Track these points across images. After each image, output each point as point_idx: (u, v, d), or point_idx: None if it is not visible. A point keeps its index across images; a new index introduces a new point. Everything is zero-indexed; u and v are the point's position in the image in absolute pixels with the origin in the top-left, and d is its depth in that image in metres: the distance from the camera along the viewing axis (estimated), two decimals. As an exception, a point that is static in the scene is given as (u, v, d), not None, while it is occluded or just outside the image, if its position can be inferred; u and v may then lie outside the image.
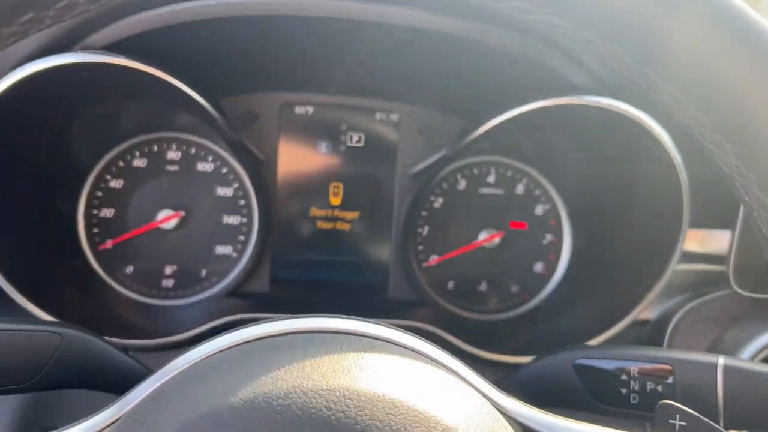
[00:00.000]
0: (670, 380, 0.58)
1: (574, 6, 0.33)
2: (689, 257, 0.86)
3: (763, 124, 0.33)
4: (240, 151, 0.83)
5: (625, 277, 0.84)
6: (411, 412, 0.34)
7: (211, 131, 0.88)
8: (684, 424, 0.49)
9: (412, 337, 0.43)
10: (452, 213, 0.95)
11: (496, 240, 0.94)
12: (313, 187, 0.94)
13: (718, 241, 0.84)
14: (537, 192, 0.96)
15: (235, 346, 0.39)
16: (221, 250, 0.92)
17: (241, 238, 0.92)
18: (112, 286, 0.90)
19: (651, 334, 0.86)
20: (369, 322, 0.42)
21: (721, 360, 0.57)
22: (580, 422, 0.42)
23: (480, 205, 0.95)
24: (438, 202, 0.95)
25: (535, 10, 0.34)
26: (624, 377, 0.60)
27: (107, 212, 0.89)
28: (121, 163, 0.89)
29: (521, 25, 0.69)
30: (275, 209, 0.93)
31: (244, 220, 0.92)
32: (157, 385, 0.40)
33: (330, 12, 0.68)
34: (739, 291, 0.83)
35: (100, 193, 0.89)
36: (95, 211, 0.89)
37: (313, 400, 0.33)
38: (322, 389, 0.34)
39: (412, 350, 0.41)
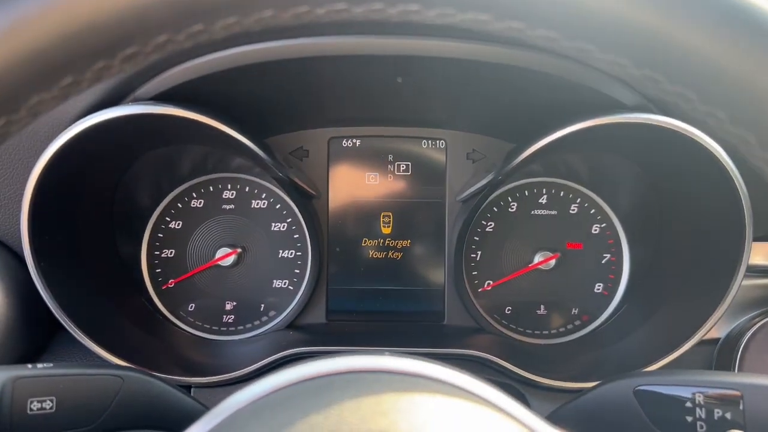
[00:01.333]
0: (740, 407, 0.55)
1: (603, 34, 0.33)
2: (758, 271, 0.82)
3: None
4: (289, 188, 0.85)
5: (690, 294, 0.81)
6: None
7: (260, 170, 0.91)
8: (754, 454, 0.47)
9: (457, 373, 0.42)
10: (505, 236, 0.94)
11: (552, 262, 0.92)
12: (364, 218, 0.95)
13: (789, 253, 0.80)
14: (592, 211, 0.94)
15: (278, 390, 0.39)
16: (278, 283, 0.94)
17: (297, 271, 0.94)
18: (175, 324, 0.93)
19: (719, 354, 0.82)
20: (410, 357, 0.42)
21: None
22: None
23: (533, 227, 0.94)
24: (490, 226, 0.94)
25: (562, 38, 0.33)
26: (689, 404, 0.57)
27: (168, 252, 0.93)
28: (180, 205, 0.93)
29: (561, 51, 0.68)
30: (328, 241, 0.94)
31: (299, 253, 0.94)
32: (210, 427, 0.41)
33: (374, 50, 0.69)
34: (815, 305, 0.78)
35: (161, 235, 0.93)
36: (157, 252, 0.93)
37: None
38: (358, 417, 0.34)
39: (456, 387, 0.41)
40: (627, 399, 0.61)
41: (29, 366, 0.57)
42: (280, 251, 0.94)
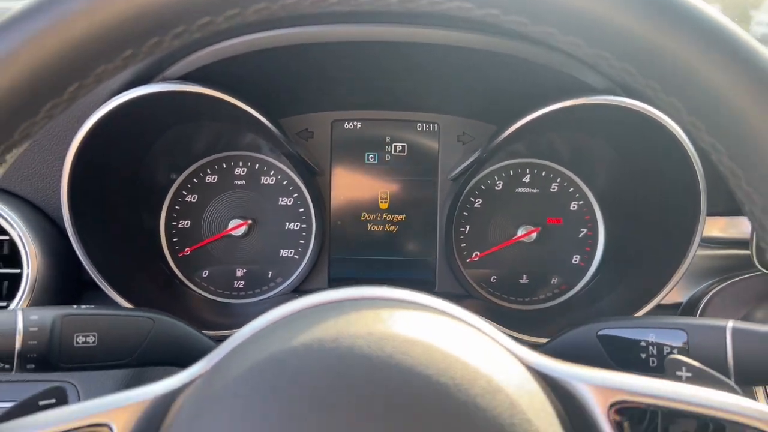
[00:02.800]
0: (684, 344, 0.65)
1: (591, 30, 0.41)
2: (714, 243, 0.91)
3: (751, 126, 0.40)
4: (298, 164, 0.94)
5: (652, 264, 0.90)
6: (437, 351, 0.42)
7: (272, 149, 1.00)
8: (690, 375, 0.56)
9: (448, 303, 0.51)
10: (491, 212, 1.03)
11: (534, 235, 1.02)
12: (363, 194, 1.04)
13: (741, 226, 0.90)
14: (571, 189, 1.04)
15: (295, 312, 0.48)
16: (285, 253, 1.03)
17: (302, 242, 1.03)
18: (191, 288, 1.02)
19: (681, 315, 0.92)
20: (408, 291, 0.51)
21: (730, 323, 0.63)
22: (590, 368, 0.49)
23: (517, 203, 1.03)
24: (478, 203, 1.04)
25: (558, 33, 0.41)
26: (643, 343, 0.67)
27: (185, 223, 1.02)
28: (195, 180, 1.02)
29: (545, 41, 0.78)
30: (330, 215, 1.04)
31: (304, 225, 1.03)
32: (235, 344, 0.49)
33: (374, 36, 0.79)
34: (765, 272, 0.88)
35: (178, 207, 1.02)
36: (174, 223, 1.02)
37: (357, 342, 0.42)
38: (364, 334, 0.43)
39: (446, 312, 0.49)
40: (591, 342, 0.71)
41: (74, 306, 0.66)
42: (287, 223, 1.03)
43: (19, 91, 0.39)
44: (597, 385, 0.45)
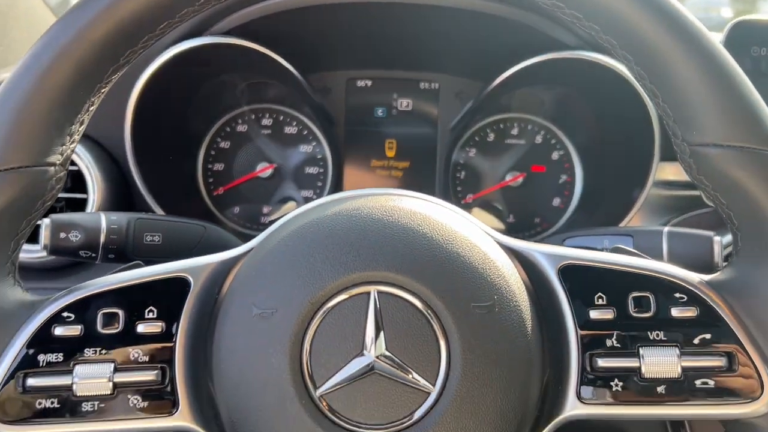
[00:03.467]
0: (632, 245, 0.81)
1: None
2: (671, 185, 1.07)
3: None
4: (320, 115, 1.10)
5: (616, 202, 1.06)
6: (433, 219, 0.58)
7: (295, 102, 1.16)
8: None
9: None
10: (483, 160, 1.19)
11: (520, 180, 1.18)
12: (373, 143, 1.20)
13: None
14: (553, 141, 1.19)
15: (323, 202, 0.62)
16: (305, 193, 1.19)
17: (320, 184, 1.19)
18: (224, 223, 1.18)
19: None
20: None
21: (666, 228, 0.80)
22: (545, 244, 0.64)
23: (506, 153, 1.19)
24: (472, 152, 1.20)
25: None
26: (600, 247, 0.83)
27: (219, 166, 1.18)
28: (228, 129, 1.18)
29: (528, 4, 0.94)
30: (345, 161, 1.20)
31: (321, 170, 1.19)
32: (278, 224, 0.64)
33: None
34: (712, 206, 1.03)
35: (213, 152, 1.18)
36: (209, 166, 1.18)
37: (373, 210, 0.57)
38: (379, 206, 0.58)
39: (444, 205, 0.63)
40: (558, 248, 0.86)
41: (144, 213, 0.82)
42: (306, 168, 1.19)
43: (128, 25, 0.54)
44: (549, 253, 0.61)
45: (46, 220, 0.74)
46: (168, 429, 0.56)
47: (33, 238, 0.70)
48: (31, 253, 0.96)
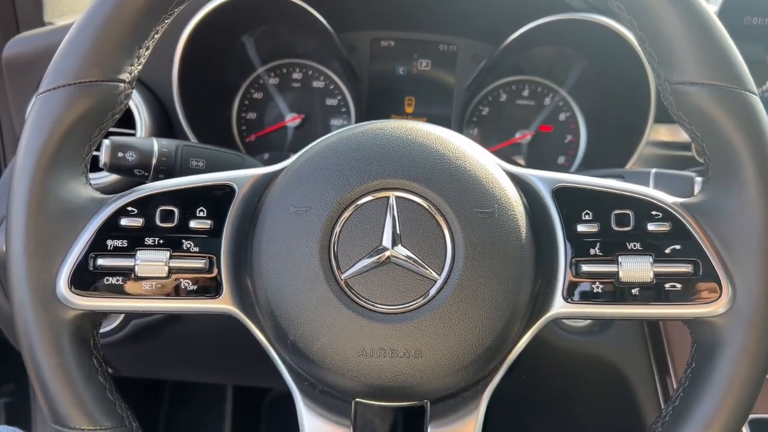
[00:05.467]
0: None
1: None
2: (665, 146, 1.16)
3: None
4: (347, 70, 1.20)
5: (613, 159, 1.15)
6: (447, 139, 0.68)
7: (323, 58, 1.26)
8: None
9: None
10: (496, 118, 1.29)
11: (528, 138, 1.27)
12: (393, 99, 1.30)
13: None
14: (561, 103, 1.28)
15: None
16: (329, 143, 1.29)
17: (343, 135, 1.29)
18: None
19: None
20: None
21: (654, 169, 0.89)
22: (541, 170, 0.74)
23: (516, 112, 1.28)
24: (485, 111, 1.29)
25: None
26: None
27: (251, 115, 1.29)
28: (261, 81, 1.28)
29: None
30: (367, 114, 1.30)
31: (345, 122, 1.29)
32: (307, 148, 0.73)
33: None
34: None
35: (246, 102, 1.29)
36: (243, 114, 1.29)
37: (396, 129, 0.68)
38: (401, 126, 0.68)
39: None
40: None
41: (190, 141, 0.92)
42: (331, 119, 1.29)
43: None
44: (545, 177, 0.71)
45: (106, 141, 0.84)
46: (212, 310, 0.67)
47: (93, 168, 0.80)
48: (93, 181, 1.08)
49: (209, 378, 1.55)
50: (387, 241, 0.63)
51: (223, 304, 0.66)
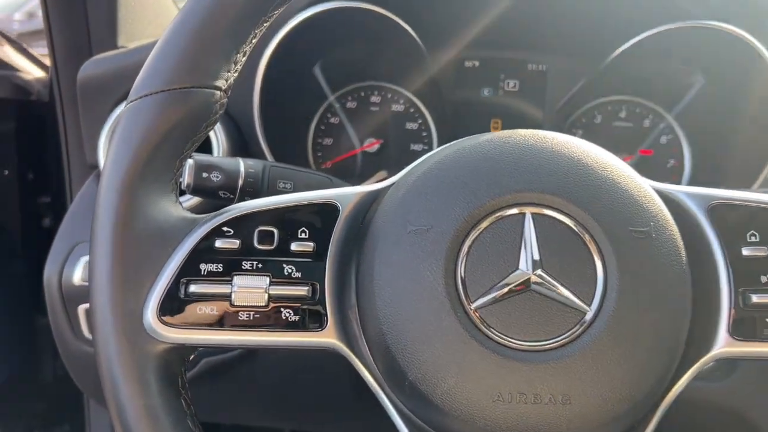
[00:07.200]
0: None
1: None
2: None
3: None
4: (434, 91, 1.12)
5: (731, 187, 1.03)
6: (581, 148, 0.59)
7: (402, 80, 1.19)
8: None
9: None
10: (590, 141, 1.18)
11: (627, 162, 1.17)
12: (478, 122, 1.21)
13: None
14: (662, 125, 1.18)
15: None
16: (410, 169, 1.21)
17: (424, 161, 1.21)
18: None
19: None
20: None
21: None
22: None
23: (613, 135, 1.18)
24: (579, 133, 1.20)
25: None
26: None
27: (328, 141, 1.22)
28: (338, 105, 1.22)
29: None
30: (450, 138, 1.21)
31: (426, 147, 1.21)
32: (416, 163, 0.65)
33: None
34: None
35: (323, 127, 1.22)
36: (319, 140, 1.22)
37: (527, 138, 0.59)
38: (521, 134, 0.59)
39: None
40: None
41: (278, 163, 0.86)
42: (411, 144, 1.22)
43: None
44: (696, 194, 0.61)
45: (190, 161, 0.78)
46: (315, 345, 0.58)
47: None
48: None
49: (281, 424, 1.44)
50: (524, 265, 0.53)
51: (328, 337, 0.58)
